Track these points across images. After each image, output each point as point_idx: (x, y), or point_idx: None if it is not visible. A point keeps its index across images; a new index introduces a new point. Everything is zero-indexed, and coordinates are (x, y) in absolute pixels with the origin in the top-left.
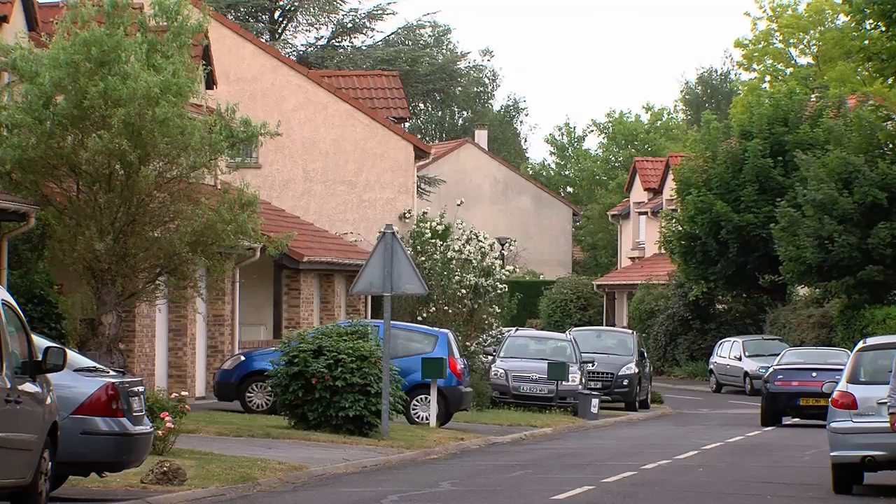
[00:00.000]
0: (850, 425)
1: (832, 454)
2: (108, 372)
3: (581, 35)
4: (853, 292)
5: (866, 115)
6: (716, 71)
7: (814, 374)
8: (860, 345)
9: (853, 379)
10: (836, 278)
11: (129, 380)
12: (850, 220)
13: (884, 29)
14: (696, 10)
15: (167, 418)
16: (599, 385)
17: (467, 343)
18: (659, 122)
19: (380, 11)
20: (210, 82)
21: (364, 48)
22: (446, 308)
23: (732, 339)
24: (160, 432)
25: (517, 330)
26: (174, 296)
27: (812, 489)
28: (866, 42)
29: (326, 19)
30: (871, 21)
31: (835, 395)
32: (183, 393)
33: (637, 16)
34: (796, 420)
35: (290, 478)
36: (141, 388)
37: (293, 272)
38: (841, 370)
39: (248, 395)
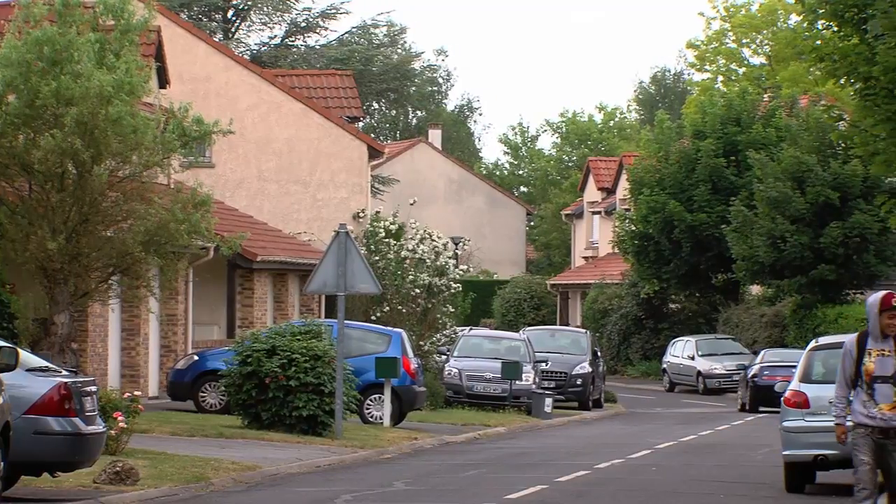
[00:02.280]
0: (803, 424)
1: (784, 453)
2: (61, 372)
3: (535, 35)
4: (805, 291)
5: (818, 115)
6: (669, 71)
7: (794, 370)
8: (812, 344)
9: (805, 378)
10: (788, 277)
11: (81, 379)
12: (802, 220)
13: (836, 29)
14: (650, 10)
15: (120, 418)
16: (553, 384)
17: (421, 342)
18: (612, 122)
19: (333, 11)
20: (163, 81)
21: (318, 47)
22: (400, 307)
23: (685, 338)
24: (113, 432)
25: (471, 329)
26: (127, 295)
27: (764, 488)
28: (818, 42)
29: (280, 18)
30: (823, 21)
31: (787, 394)
32: (136, 393)
33: (591, 16)
34: (751, 418)
35: (243, 478)
36: (94, 388)
37: (247, 272)
38: None
39: (202, 394)
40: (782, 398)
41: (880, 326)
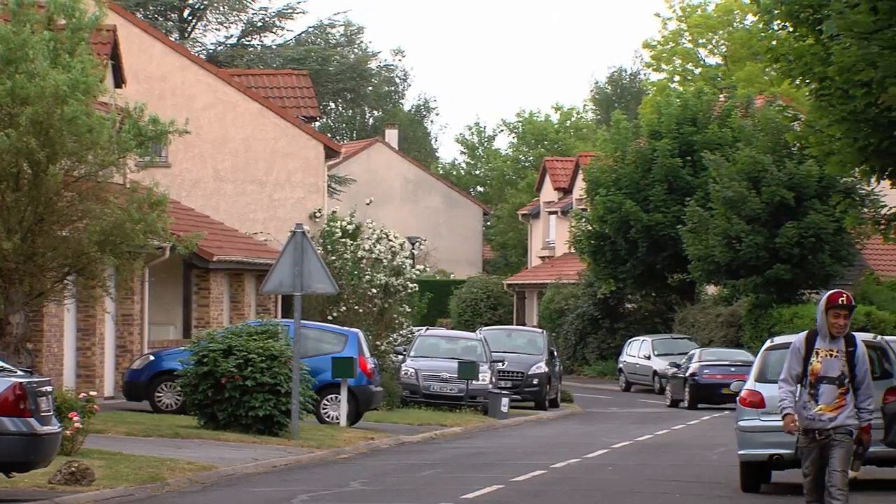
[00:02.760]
0: (758, 424)
1: (740, 452)
2: (16, 372)
3: (491, 35)
4: (761, 291)
5: (774, 115)
6: (625, 71)
7: (732, 368)
8: (768, 343)
9: (761, 378)
10: (743, 277)
11: (36, 379)
12: (757, 220)
13: (791, 29)
14: (607, 10)
15: (75, 418)
16: (509, 384)
17: (377, 342)
18: (569, 122)
19: (290, 10)
20: (119, 81)
21: (274, 47)
22: (357, 307)
23: (642, 337)
24: (68, 432)
25: (427, 329)
26: (83, 295)
27: (720, 487)
28: (774, 43)
29: (236, 18)
30: (778, 22)
31: (743, 393)
32: (91, 393)
33: (547, 16)
34: (707, 417)
35: (199, 478)
36: (49, 388)
37: (203, 272)
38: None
39: (158, 394)
40: (738, 398)
41: (827, 325)
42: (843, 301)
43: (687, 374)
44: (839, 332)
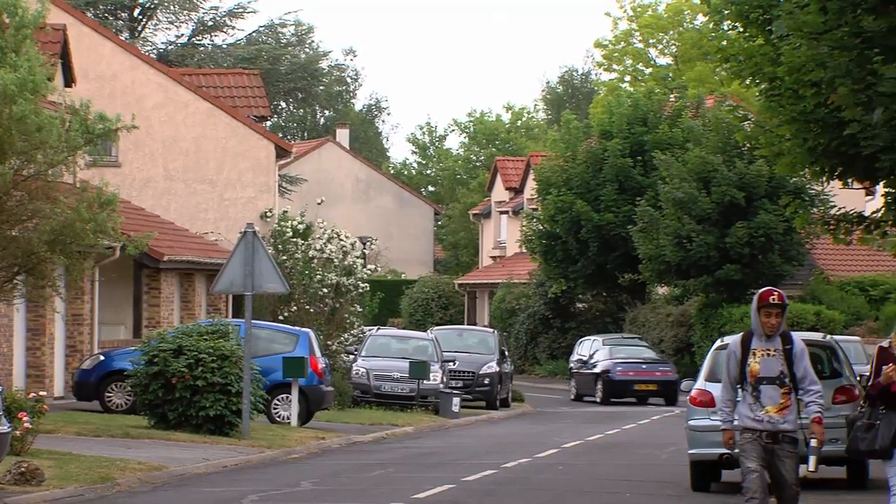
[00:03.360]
0: (708, 423)
1: (690, 452)
2: None
3: (442, 35)
4: (711, 291)
5: (724, 115)
6: (577, 71)
7: (644, 366)
8: (718, 343)
9: (711, 377)
10: (694, 277)
11: None
12: (708, 220)
13: (741, 30)
14: (558, 10)
15: (25, 418)
16: (461, 384)
17: (329, 342)
18: (520, 122)
19: (241, 10)
20: (69, 80)
21: (225, 46)
22: (308, 307)
23: (592, 337)
24: (18, 432)
25: (379, 329)
26: (32, 295)
27: (670, 487)
28: (724, 43)
29: (187, 17)
30: (728, 22)
31: (693, 393)
32: (41, 393)
33: (499, 15)
34: (657, 417)
35: (149, 478)
36: None
37: (153, 271)
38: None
39: (108, 394)
40: (688, 397)
41: (759, 324)
42: (774, 299)
43: (597, 370)
44: (772, 331)
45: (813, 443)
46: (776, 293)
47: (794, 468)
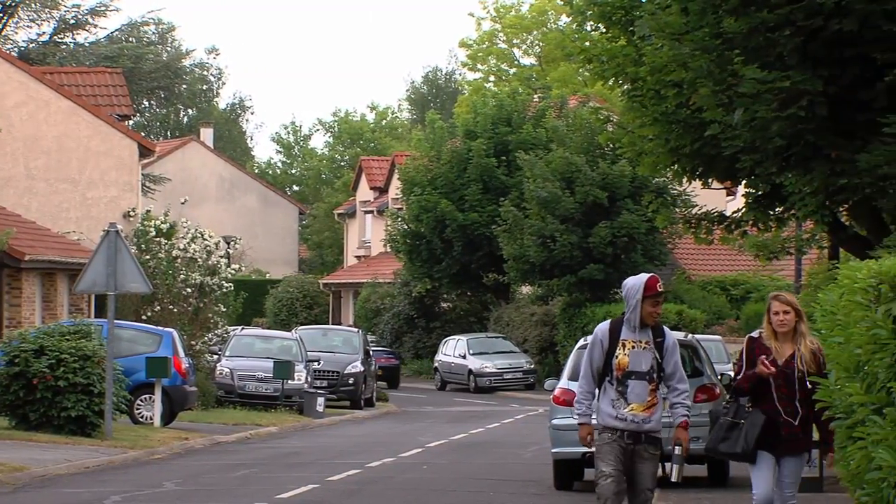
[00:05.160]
0: (571, 422)
1: (553, 451)
2: None
3: (306, 34)
4: (574, 290)
5: (587, 116)
6: (441, 70)
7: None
8: (581, 342)
9: (573, 376)
10: (558, 277)
11: None
12: (571, 220)
13: (604, 30)
14: (422, 9)
15: None
16: (325, 383)
17: (192, 342)
18: (384, 122)
19: (103, 8)
20: None
21: (87, 45)
22: (171, 307)
23: (457, 336)
24: None
25: (243, 329)
26: None
27: (534, 485)
28: (587, 44)
29: (48, 15)
30: (591, 23)
31: (556, 392)
32: None
33: (363, 15)
34: (521, 416)
35: (9, 479)
36: None
37: (14, 271)
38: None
39: None
40: (552, 396)
41: (642, 314)
42: (661, 287)
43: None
44: (655, 322)
45: (678, 451)
46: (660, 280)
47: (652, 472)
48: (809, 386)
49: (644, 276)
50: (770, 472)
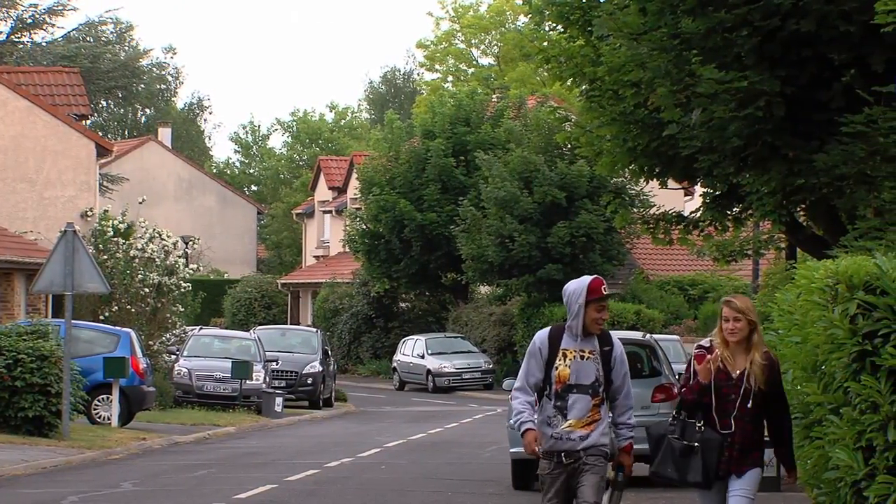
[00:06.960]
0: None
1: (511, 451)
2: None
3: (265, 33)
4: (533, 290)
5: (545, 116)
6: (399, 70)
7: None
8: None
9: None
10: (516, 277)
11: None
12: (530, 220)
13: (562, 30)
14: (380, 9)
15: None
16: (284, 383)
17: (150, 342)
18: (343, 122)
19: (60, 7)
20: None
21: (44, 44)
22: (129, 307)
23: (416, 336)
24: None
25: (201, 329)
26: None
27: (492, 485)
28: (545, 44)
29: (5, 14)
30: (549, 23)
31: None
32: None
33: (322, 14)
34: (479, 416)
35: None
36: None
37: None
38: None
39: None
40: (510, 396)
41: (585, 321)
42: (605, 290)
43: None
44: (600, 329)
45: (620, 477)
46: (605, 283)
47: (594, 483)
48: (751, 405)
49: (587, 279)
50: (721, 496)
